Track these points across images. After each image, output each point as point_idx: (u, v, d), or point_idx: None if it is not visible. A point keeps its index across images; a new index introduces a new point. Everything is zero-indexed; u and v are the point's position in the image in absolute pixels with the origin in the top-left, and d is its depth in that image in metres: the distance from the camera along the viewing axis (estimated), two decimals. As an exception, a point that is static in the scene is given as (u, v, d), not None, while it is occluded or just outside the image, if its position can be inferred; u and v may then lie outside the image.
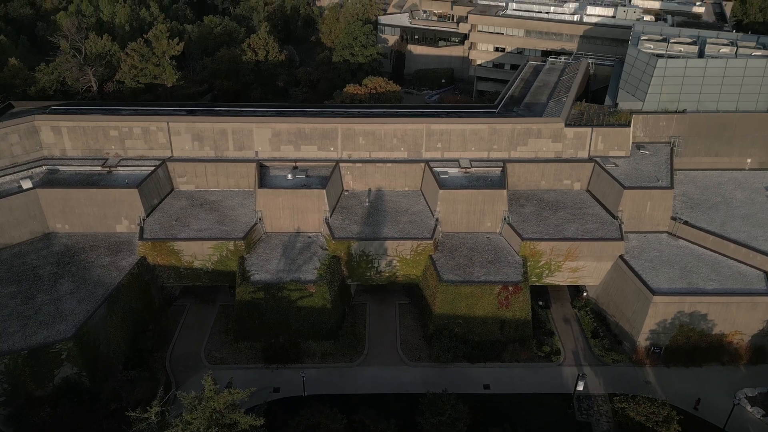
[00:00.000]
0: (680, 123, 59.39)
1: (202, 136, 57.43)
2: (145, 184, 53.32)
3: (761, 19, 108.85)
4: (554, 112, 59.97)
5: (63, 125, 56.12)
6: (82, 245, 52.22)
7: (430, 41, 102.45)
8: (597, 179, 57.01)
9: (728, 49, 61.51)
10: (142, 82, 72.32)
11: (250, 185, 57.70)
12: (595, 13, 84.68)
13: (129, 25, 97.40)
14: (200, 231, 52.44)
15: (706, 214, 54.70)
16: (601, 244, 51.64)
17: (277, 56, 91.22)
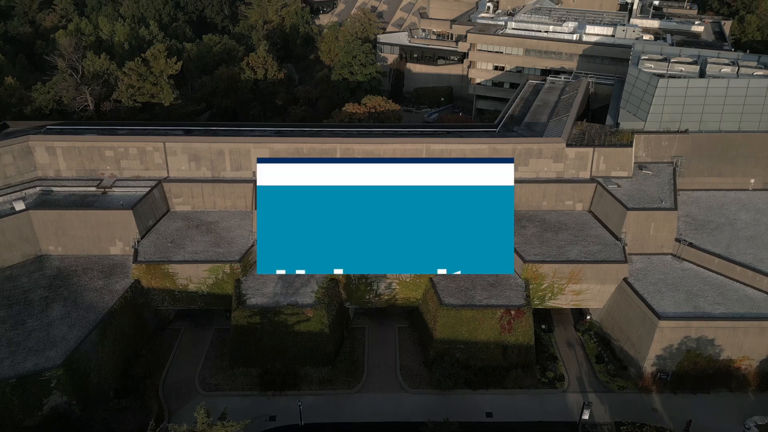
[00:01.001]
0: (682, 143, 58.78)
1: (198, 157, 56.68)
2: (140, 205, 52.41)
3: (759, 38, 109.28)
4: (555, 131, 59.37)
5: (58, 145, 55.37)
6: (75, 268, 51.12)
7: (429, 60, 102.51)
8: (599, 200, 56.21)
9: (729, 69, 61.18)
10: (139, 101, 71.80)
11: (247, 206, 56.82)
12: (594, 32, 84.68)
13: (128, 44, 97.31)
14: (196, 253, 51.40)
15: (710, 235, 53.81)
16: (604, 267, 50.64)
17: (276, 75, 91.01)
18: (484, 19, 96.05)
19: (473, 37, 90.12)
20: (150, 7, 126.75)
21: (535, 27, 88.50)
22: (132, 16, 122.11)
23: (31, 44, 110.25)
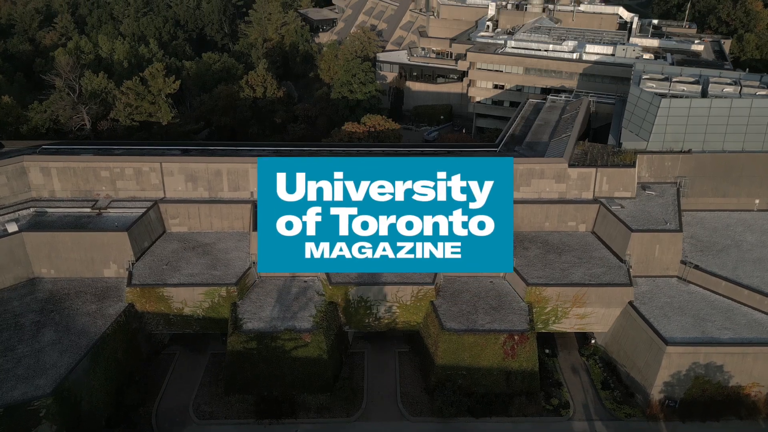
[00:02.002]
0: (686, 163, 58.10)
1: (196, 177, 55.86)
2: (135, 227, 51.44)
3: (758, 56, 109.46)
4: (557, 151, 58.72)
5: (52, 166, 54.57)
6: (68, 291, 49.97)
7: (428, 78, 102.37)
8: (603, 221, 55.34)
9: (732, 89, 60.74)
10: (136, 120, 71.22)
11: (244, 227, 55.85)
12: (594, 51, 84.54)
13: (127, 62, 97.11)
14: (192, 276, 50.31)
15: (716, 257, 52.85)
16: (609, 290, 49.60)
17: (275, 93, 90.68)
18: (484, 38, 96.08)
19: (473, 56, 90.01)
20: (150, 25, 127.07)
21: (535, 46, 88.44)
22: (132, 34, 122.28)
23: (30, 62, 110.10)
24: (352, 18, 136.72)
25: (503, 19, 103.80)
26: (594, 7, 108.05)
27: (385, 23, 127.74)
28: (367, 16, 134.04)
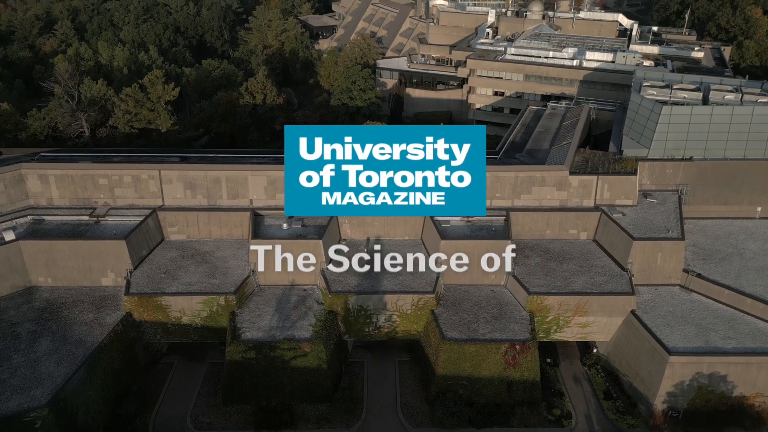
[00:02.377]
0: (687, 171, 57.81)
1: (194, 185, 55.53)
2: (133, 235, 51.05)
3: (758, 63, 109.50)
4: (558, 159, 58.43)
5: (50, 173, 54.25)
6: (65, 300, 49.52)
7: (428, 85, 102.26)
8: (604, 229, 54.98)
9: (733, 96, 60.58)
10: (136, 127, 70.97)
11: (243, 234, 55.46)
12: (594, 58, 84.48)
13: (127, 69, 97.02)
14: (190, 285, 49.88)
15: (719, 266, 52.45)
16: (611, 299, 49.18)
17: (274, 99, 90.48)
18: (484, 45, 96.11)
19: (473, 63, 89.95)
20: (150, 32, 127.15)
21: (535, 53, 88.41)
22: (132, 41, 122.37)
23: (29, 69, 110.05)
24: (352, 25, 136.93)
25: (503, 26, 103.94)
26: (594, 14, 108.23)
27: (384, 30, 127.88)
28: (367, 23, 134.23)
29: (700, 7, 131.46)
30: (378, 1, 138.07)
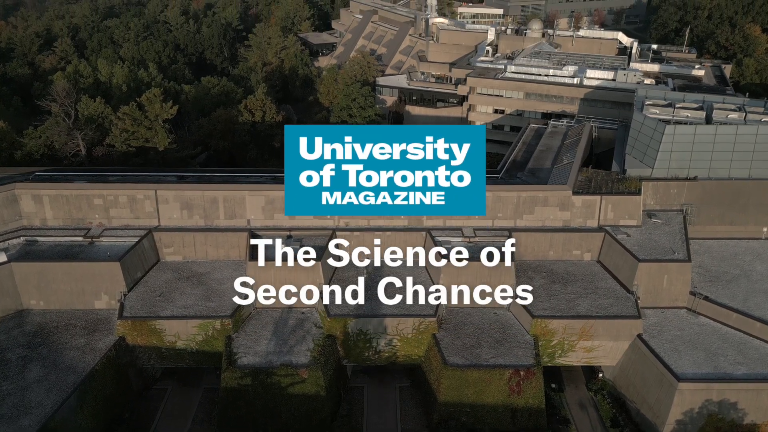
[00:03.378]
0: (692, 190, 56.99)
1: (191, 205, 54.59)
2: (128, 256, 49.96)
3: (758, 81, 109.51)
4: (560, 178, 57.61)
5: (44, 193, 53.31)
6: (57, 324, 48.26)
7: (428, 102, 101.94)
8: (608, 250, 53.96)
9: (736, 115, 60.02)
10: (133, 145, 70.22)
11: (240, 255, 54.41)
12: (594, 77, 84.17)
13: (126, 86, 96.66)
14: (185, 308, 48.68)
15: (726, 288, 51.36)
16: (617, 323, 48.02)
17: (274, 117, 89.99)
18: (484, 63, 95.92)
19: (473, 81, 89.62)
20: (150, 49, 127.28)
21: (535, 71, 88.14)
22: (132, 58, 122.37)
23: (28, 86, 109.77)
24: (352, 42, 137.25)
25: (503, 44, 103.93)
26: (593, 32, 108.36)
27: (384, 48, 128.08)
28: (367, 40, 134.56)
29: (699, 25, 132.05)
30: (378, 18, 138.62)
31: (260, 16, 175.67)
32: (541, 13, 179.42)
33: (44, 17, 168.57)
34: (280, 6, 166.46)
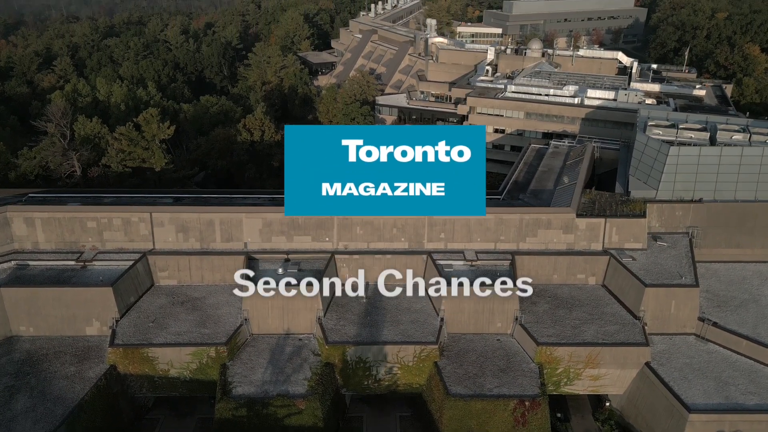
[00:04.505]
0: (697, 213, 55.95)
1: (187, 227, 53.41)
2: (121, 281, 48.62)
3: (758, 100, 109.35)
4: (563, 200, 56.60)
5: (37, 216, 52.12)
6: (46, 352, 46.74)
7: (428, 121, 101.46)
8: (614, 274, 52.73)
9: (741, 136, 59.28)
10: (129, 166, 69.29)
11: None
12: (595, 96, 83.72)
13: (124, 105, 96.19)
14: (179, 335, 47.21)
15: (735, 313, 50.04)
16: (624, 350, 46.59)
17: (272, 136, 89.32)
18: (484, 83, 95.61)
19: (473, 101, 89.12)
20: (149, 68, 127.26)
21: (536, 90, 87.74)
22: (131, 77, 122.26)
23: (26, 105, 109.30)
24: (351, 61, 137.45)
25: (502, 64, 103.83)
26: (593, 52, 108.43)
27: (384, 67, 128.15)
28: (366, 59, 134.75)
29: (698, 45, 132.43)
30: (377, 38, 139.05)
31: (260, 35, 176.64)
32: (539, 33, 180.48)
33: (44, 36, 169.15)
34: (280, 25, 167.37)
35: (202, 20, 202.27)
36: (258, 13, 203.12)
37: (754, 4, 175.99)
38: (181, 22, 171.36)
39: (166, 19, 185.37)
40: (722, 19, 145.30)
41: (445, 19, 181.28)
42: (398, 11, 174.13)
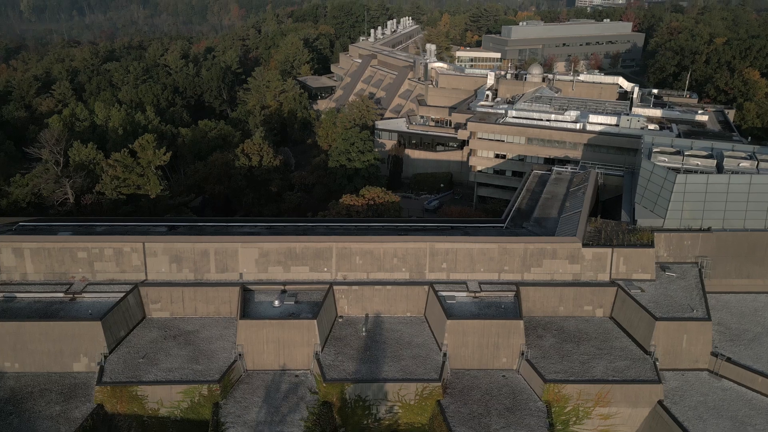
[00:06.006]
0: (706, 242, 54.44)
1: (181, 258, 51.78)
2: (110, 315, 46.78)
3: (759, 125, 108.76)
4: (569, 229, 55.09)
5: (26, 246, 50.54)
6: (31, 389, 44.65)
7: (427, 146, 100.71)
8: (622, 306, 50.95)
9: (748, 163, 58.12)
10: (124, 193, 67.87)
11: (231, 311, 51.22)
12: (597, 122, 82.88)
13: (122, 129, 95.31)
14: (170, 371, 45.18)
15: (748, 348, 48.16)
16: (636, 387, 44.59)
17: (271, 161, 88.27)
18: (484, 107, 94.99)
19: (474, 126, 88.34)
20: (148, 92, 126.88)
21: (537, 115, 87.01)
22: (130, 101, 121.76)
23: (24, 129, 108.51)
24: (351, 86, 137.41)
25: (503, 89, 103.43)
26: (593, 76, 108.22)
27: (383, 91, 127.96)
28: (366, 84, 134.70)
29: (697, 70, 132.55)
30: (377, 63, 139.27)
31: (260, 59, 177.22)
32: (538, 57, 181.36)
33: (44, 60, 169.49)
34: (279, 50, 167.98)
35: (203, 45, 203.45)
36: (258, 37, 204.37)
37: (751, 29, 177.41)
38: (182, 47, 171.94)
39: (166, 43, 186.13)
40: (721, 44, 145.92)
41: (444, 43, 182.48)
42: (397, 36, 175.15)
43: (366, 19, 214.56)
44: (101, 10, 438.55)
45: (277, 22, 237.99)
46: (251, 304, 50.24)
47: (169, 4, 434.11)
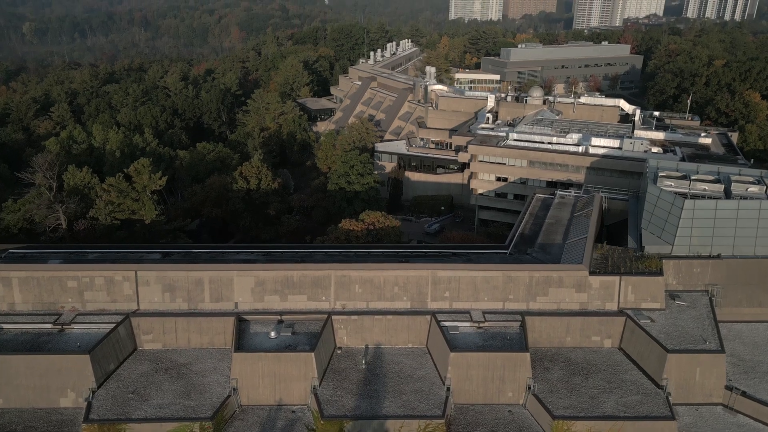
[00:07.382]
0: (716, 269, 52.84)
1: (174, 287, 50.05)
2: (99, 347, 44.84)
3: (761, 147, 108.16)
4: (574, 256, 53.51)
5: (14, 275, 48.82)
6: (15, 427, 42.48)
7: (428, 168, 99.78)
8: (631, 337, 49.09)
9: (757, 188, 56.85)
10: (118, 218, 66.42)
11: (226, 342, 49.26)
12: (600, 144, 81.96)
13: (119, 151, 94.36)
14: (161, 407, 43.11)
15: (763, 381, 46.20)
16: (649, 425, 42.51)
17: (269, 184, 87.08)
18: (485, 130, 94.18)
19: (474, 149, 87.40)
20: (147, 114, 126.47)
21: (538, 138, 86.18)
22: (129, 123, 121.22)
23: (20, 152, 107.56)
24: (351, 108, 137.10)
25: (503, 111, 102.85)
26: (595, 99, 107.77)
27: (383, 113, 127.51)
28: (366, 106, 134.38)
29: (698, 92, 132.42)
30: (376, 85, 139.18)
31: (260, 81, 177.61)
32: (537, 79, 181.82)
33: (44, 82, 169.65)
34: (279, 72, 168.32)
35: (203, 67, 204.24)
36: (258, 59, 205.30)
37: (749, 52, 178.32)
38: (181, 69, 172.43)
39: (166, 65, 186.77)
40: (720, 66, 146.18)
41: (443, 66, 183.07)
42: (397, 58, 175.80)
43: (366, 42, 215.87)
44: (103, 33, 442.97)
45: (277, 44, 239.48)
46: (246, 335, 48.38)
47: (170, 27, 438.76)
